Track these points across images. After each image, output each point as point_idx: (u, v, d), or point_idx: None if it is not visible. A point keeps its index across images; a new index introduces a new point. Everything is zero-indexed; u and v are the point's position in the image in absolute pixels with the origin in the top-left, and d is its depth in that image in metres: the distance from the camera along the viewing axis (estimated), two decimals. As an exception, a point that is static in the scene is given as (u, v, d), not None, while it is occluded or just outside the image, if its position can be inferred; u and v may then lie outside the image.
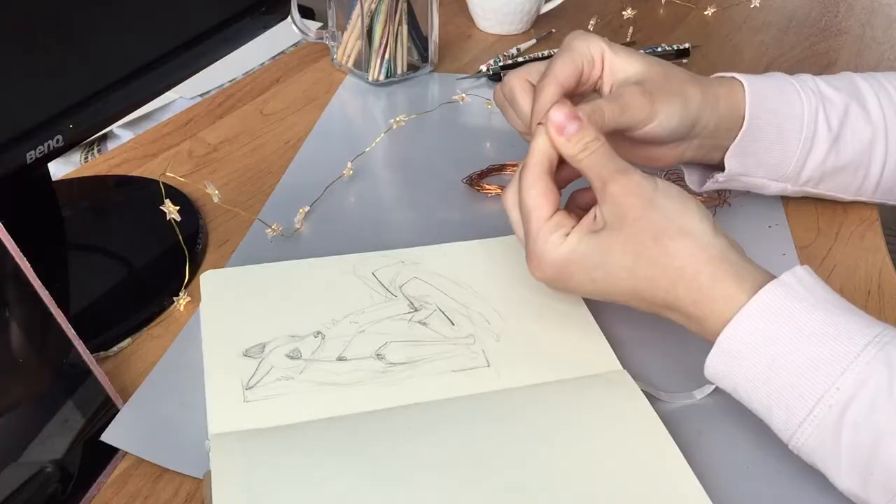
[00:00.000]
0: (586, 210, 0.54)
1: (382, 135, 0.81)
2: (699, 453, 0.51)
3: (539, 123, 0.55)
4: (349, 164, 0.77)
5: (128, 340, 0.59)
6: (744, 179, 0.66)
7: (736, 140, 0.63)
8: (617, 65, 0.59)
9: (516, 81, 0.60)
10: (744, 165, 0.65)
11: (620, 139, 0.59)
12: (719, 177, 0.65)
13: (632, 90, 0.58)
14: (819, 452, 0.46)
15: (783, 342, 0.46)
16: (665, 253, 0.50)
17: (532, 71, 0.60)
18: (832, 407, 0.45)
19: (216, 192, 0.67)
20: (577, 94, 0.60)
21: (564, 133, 0.53)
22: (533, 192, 0.53)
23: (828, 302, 0.47)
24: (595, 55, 0.59)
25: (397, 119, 0.81)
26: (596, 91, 0.61)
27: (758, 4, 1.16)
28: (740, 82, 0.64)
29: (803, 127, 0.64)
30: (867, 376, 0.44)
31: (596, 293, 0.53)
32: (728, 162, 0.64)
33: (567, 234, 0.52)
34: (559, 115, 0.53)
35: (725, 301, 0.48)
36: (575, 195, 0.58)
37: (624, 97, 0.57)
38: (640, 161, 0.62)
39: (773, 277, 0.49)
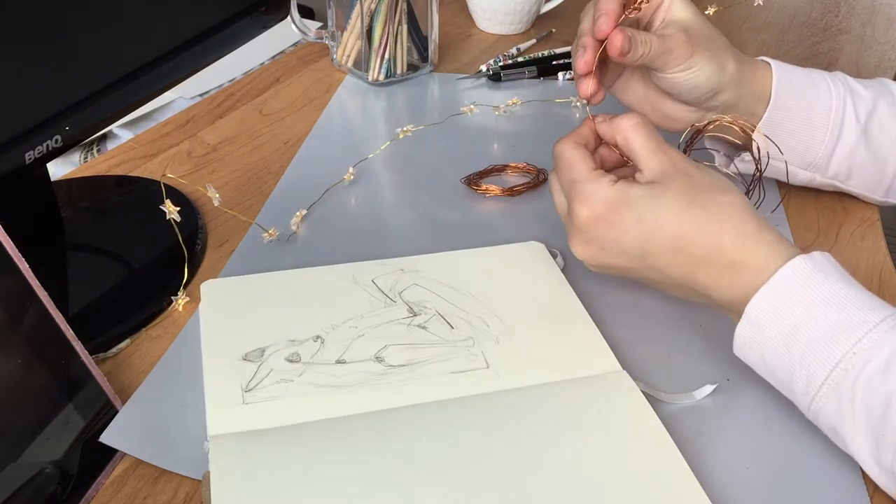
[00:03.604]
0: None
1: (389, 143, 0.80)
2: (699, 454, 0.50)
3: (588, 118, 0.58)
4: (351, 170, 0.76)
5: (126, 341, 0.59)
6: (771, 162, 0.66)
7: (763, 119, 0.64)
8: (674, 7, 0.61)
9: None
10: (771, 146, 0.65)
11: (650, 87, 0.63)
12: (746, 156, 0.66)
13: (678, 36, 0.60)
14: (836, 416, 0.48)
15: (805, 308, 0.48)
16: (716, 200, 0.52)
17: None
18: (848, 370, 0.46)
19: (216, 195, 0.66)
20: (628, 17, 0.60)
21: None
22: (578, 151, 0.56)
23: (849, 280, 0.50)
24: None
25: (404, 129, 0.81)
26: (639, 21, 0.62)
27: (761, 3, 1.15)
28: (769, 65, 0.65)
29: (831, 114, 0.65)
30: (884, 343, 0.46)
31: (637, 240, 0.53)
32: (756, 137, 0.64)
33: (615, 182, 0.54)
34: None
35: (769, 250, 0.50)
36: (601, 153, 0.59)
37: (669, 40, 0.59)
38: (656, 118, 0.64)
39: (800, 251, 0.51)
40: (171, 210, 0.62)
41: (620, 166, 0.58)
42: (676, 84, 0.61)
